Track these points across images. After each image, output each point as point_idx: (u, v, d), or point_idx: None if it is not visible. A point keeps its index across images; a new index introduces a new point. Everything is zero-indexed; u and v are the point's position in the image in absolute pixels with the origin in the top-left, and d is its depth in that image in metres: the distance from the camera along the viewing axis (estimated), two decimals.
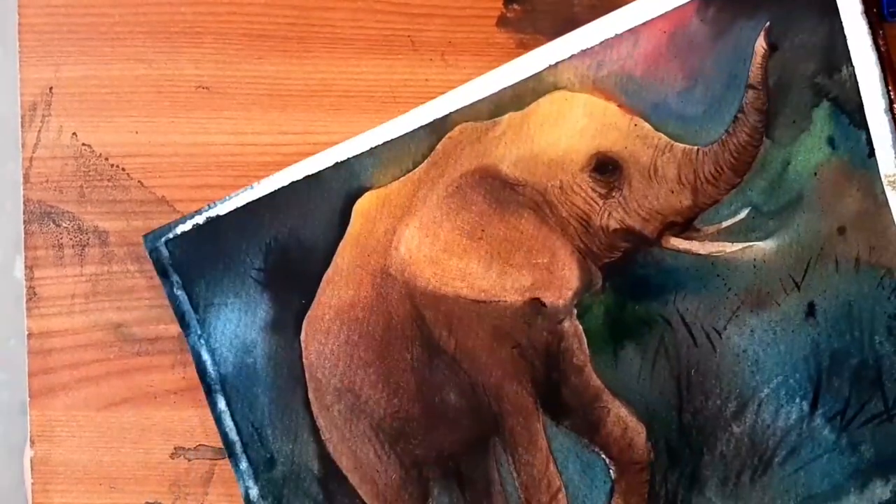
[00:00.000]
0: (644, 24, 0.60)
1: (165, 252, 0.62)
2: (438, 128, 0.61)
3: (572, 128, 0.60)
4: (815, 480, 0.60)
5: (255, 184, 0.62)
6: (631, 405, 0.61)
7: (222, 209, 0.62)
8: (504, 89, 0.60)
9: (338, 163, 0.61)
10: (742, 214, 0.60)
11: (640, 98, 0.60)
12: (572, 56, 0.60)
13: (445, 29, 0.62)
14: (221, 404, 0.62)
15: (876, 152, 0.59)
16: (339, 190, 0.61)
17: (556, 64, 0.60)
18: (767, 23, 0.59)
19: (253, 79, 0.62)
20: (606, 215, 0.60)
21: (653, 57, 0.60)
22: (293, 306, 0.62)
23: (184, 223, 0.62)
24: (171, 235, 0.62)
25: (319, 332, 0.61)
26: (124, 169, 0.62)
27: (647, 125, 0.60)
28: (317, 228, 0.62)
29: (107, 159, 0.62)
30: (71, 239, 0.63)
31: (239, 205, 0.61)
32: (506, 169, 0.61)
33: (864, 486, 0.59)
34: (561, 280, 0.60)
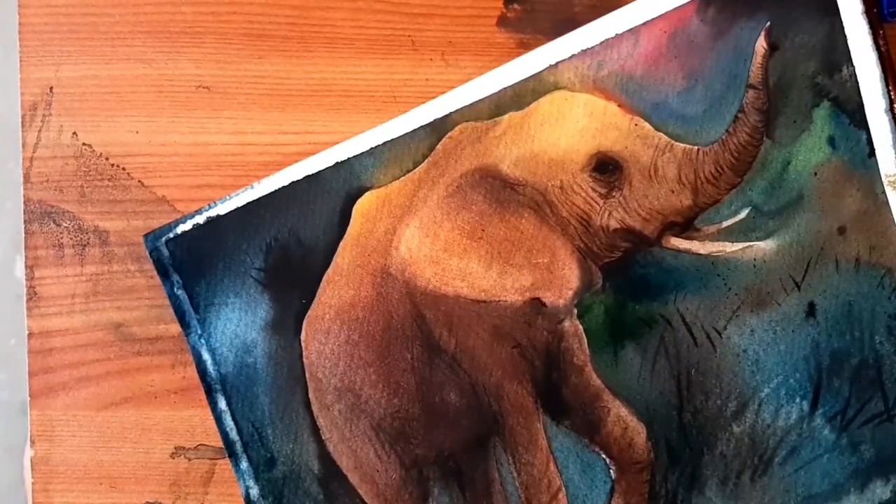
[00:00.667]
0: (644, 24, 0.60)
1: (166, 252, 0.62)
2: (439, 127, 0.61)
3: (573, 127, 0.60)
4: (816, 480, 0.60)
5: (256, 183, 0.62)
6: (631, 405, 0.61)
7: (223, 209, 0.62)
8: (504, 89, 0.60)
9: (338, 162, 0.61)
10: (742, 214, 0.60)
11: (641, 98, 0.60)
12: (573, 56, 0.60)
13: (446, 29, 0.62)
14: (222, 404, 0.62)
15: (876, 152, 0.59)
16: (340, 190, 0.61)
17: (557, 64, 0.60)
18: (768, 23, 0.59)
19: (253, 78, 0.62)
20: (607, 215, 0.60)
21: (653, 57, 0.60)
22: (293, 306, 0.62)
23: (184, 223, 0.62)
24: (172, 235, 0.62)
25: (320, 332, 0.61)
26: (125, 169, 0.62)
27: (648, 125, 0.60)
28: (317, 228, 0.61)
29: (107, 159, 0.62)
30: (71, 239, 0.63)
31: (239, 204, 0.61)
32: (506, 169, 0.61)
33: (865, 486, 0.59)
34: (561, 280, 0.60)
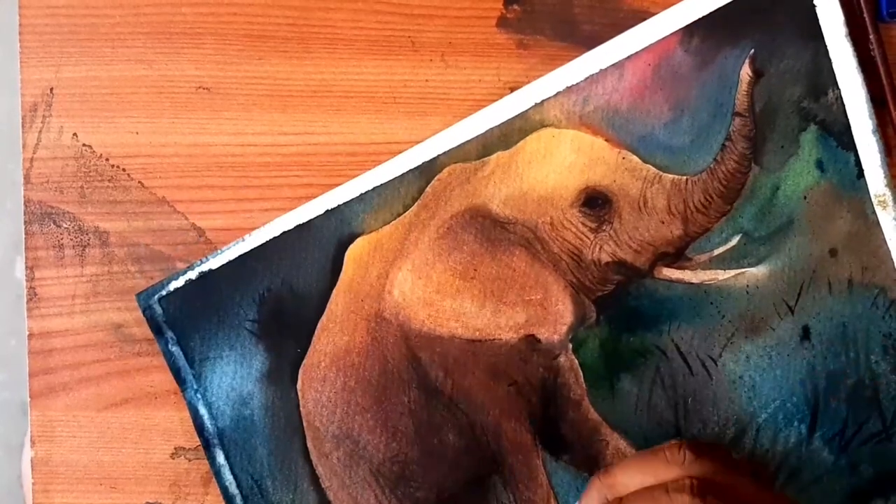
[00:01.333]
0: (628, 58, 0.60)
1: (159, 310, 0.62)
2: (427, 170, 0.61)
3: (560, 164, 0.60)
4: (816, 502, 0.60)
5: (247, 236, 0.61)
6: (629, 437, 0.61)
7: (214, 263, 0.62)
8: (491, 129, 0.60)
9: (328, 210, 0.61)
10: (733, 241, 0.60)
11: (628, 131, 0.60)
12: (558, 93, 0.60)
13: (445, 30, 0.62)
14: (220, 458, 0.62)
15: (865, 173, 0.59)
16: (331, 237, 0.61)
17: (542, 102, 0.60)
18: (752, 50, 0.59)
19: (253, 79, 0.62)
20: (598, 249, 0.60)
21: (638, 90, 0.60)
22: (289, 355, 0.62)
23: (176, 279, 0.62)
24: (164, 293, 0.62)
25: (316, 380, 0.61)
26: (125, 169, 0.63)
27: (636, 158, 0.60)
28: (310, 277, 0.62)
29: (107, 160, 0.62)
30: (71, 239, 0.63)
31: (231, 258, 0.61)
32: (496, 208, 0.61)
33: None
34: (555, 315, 0.61)
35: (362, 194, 0.61)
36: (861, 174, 0.59)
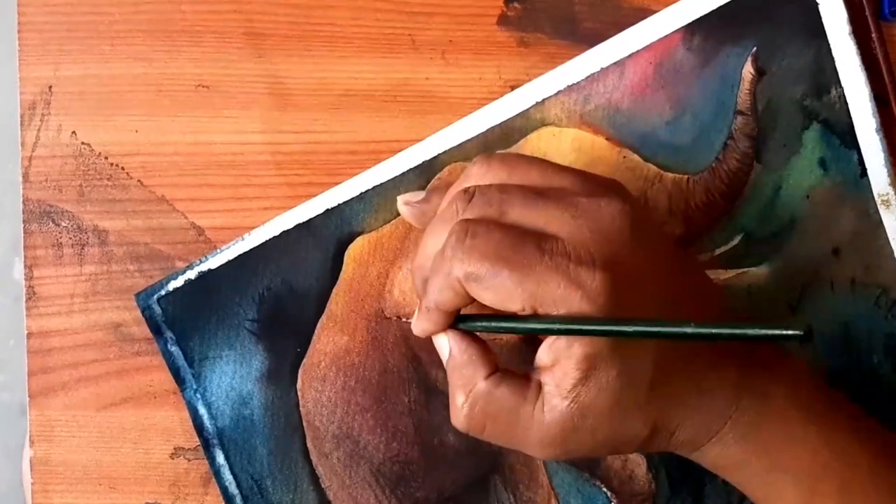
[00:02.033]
0: (630, 57, 0.59)
1: (158, 310, 0.62)
2: (427, 169, 0.60)
3: (561, 162, 0.60)
4: None
5: (246, 235, 0.61)
6: None
7: (213, 262, 0.61)
8: (492, 128, 0.60)
9: (328, 210, 0.61)
10: (735, 241, 0.60)
11: (629, 130, 0.60)
12: (559, 92, 0.60)
13: (446, 27, 0.61)
14: (220, 458, 0.62)
15: (868, 172, 0.59)
16: (331, 237, 0.61)
17: (543, 101, 0.60)
18: (754, 48, 0.59)
19: (253, 77, 0.62)
20: None
21: (640, 88, 0.60)
22: (289, 355, 0.61)
23: (175, 279, 0.61)
24: (164, 292, 0.62)
25: (316, 380, 0.61)
26: (124, 168, 0.62)
27: (637, 157, 0.60)
28: (310, 276, 0.61)
29: (106, 158, 0.62)
30: (70, 238, 0.62)
31: (230, 257, 0.61)
32: None
33: None
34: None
35: (362, 193, 0.61)
36: (864, 173, 0.59)
